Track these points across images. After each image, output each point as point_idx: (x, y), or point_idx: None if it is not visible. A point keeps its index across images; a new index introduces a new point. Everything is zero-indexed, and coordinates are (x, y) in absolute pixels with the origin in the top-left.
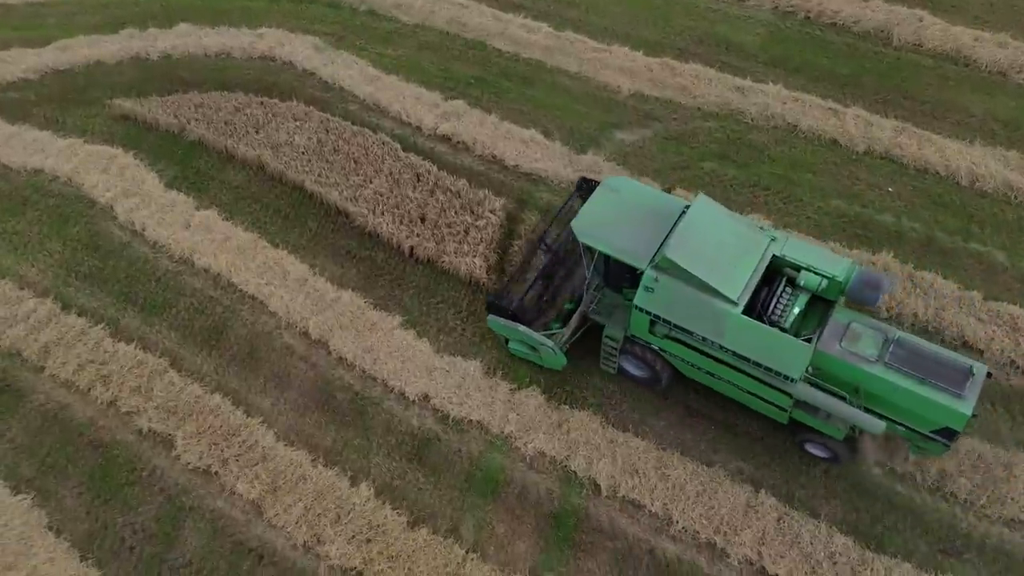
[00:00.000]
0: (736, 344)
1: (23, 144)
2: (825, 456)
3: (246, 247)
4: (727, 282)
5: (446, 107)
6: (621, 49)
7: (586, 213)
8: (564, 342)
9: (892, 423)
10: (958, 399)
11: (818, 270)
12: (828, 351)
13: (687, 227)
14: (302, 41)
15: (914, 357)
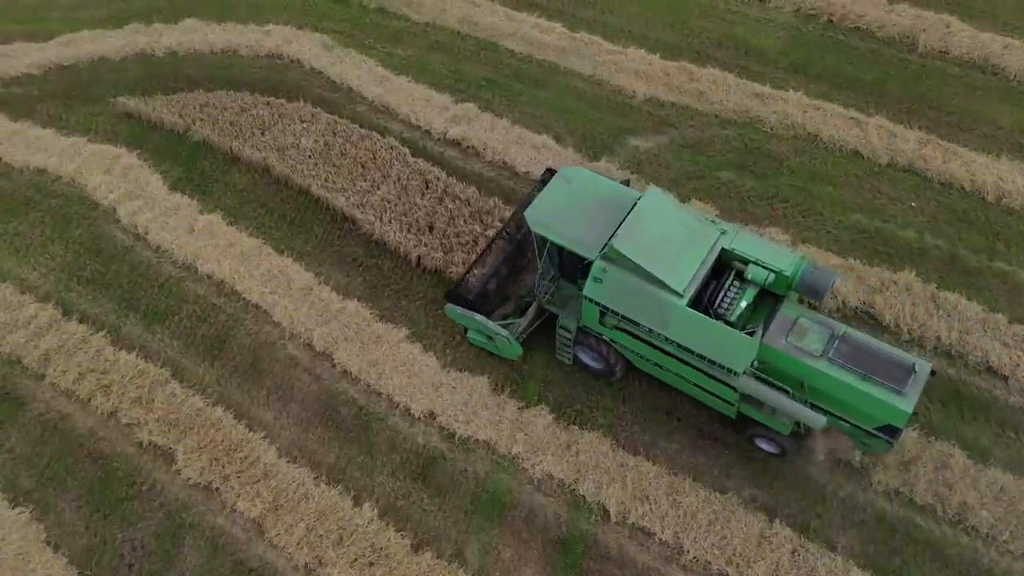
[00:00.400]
0: (681, 336)
1: (26, 142)
2: (774, 451)
3: (250, 253)
4: (673, 274)
5: (456, 110)
6: (637, 51)
7: (540, 202)
8: (520, 332)
9: (837, 419)
10: (899, 396)
11: (765, 264)
12: (774, 345)
13: (636, 218)
14: (310, 39)
15: (858, 353)
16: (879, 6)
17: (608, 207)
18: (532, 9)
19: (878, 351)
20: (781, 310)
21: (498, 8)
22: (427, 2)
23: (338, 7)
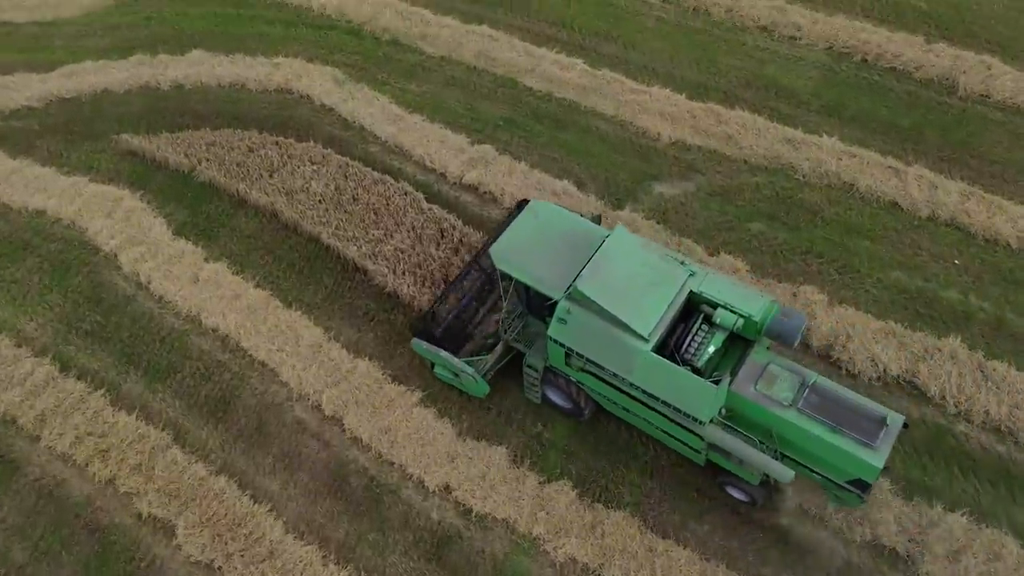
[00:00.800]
0: (646, 383)
1: (25, 182)
2: (744, 499)
3: (257, 307)
4: (639, 317)
5: (473, 152)
6: (662, 91)
7: (506, 239)
8: (486, 370)
9: (808, 470)
10: (870, 450)
11: (734, 308)
12: (742, 393)
13: (602, 258)
14: (321, 73)
15: (828, 403)
16: (916, 46)
17: (576, 245)
18: (552, 44)
19: (849, 402)
20: (751, 356)
21: (516, 42)
22: (442, 35)
23: (350, 39)
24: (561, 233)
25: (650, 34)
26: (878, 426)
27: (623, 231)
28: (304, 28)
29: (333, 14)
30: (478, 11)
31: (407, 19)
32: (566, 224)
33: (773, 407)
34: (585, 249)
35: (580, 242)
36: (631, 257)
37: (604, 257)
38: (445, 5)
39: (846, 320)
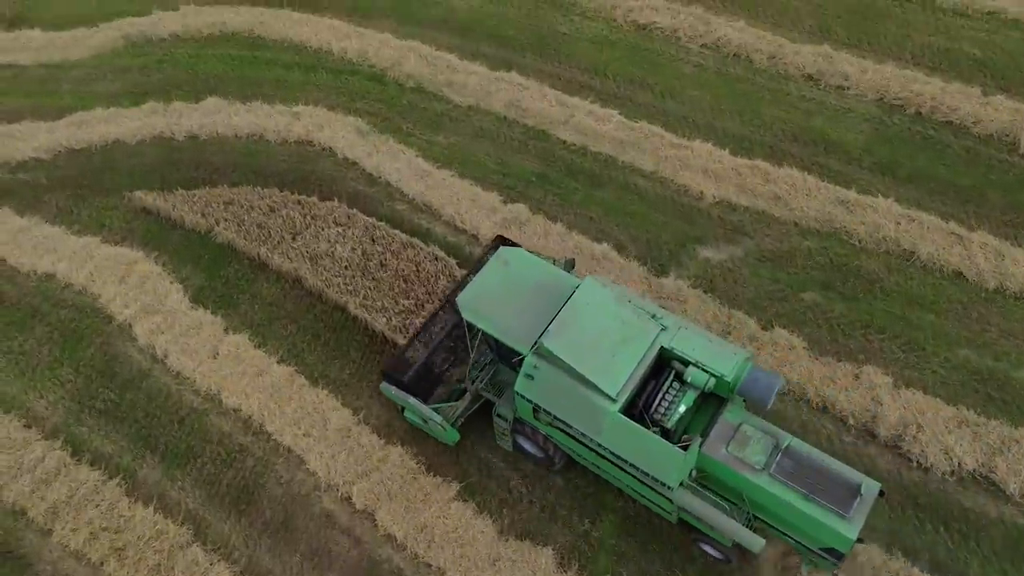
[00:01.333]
0: (613, 444)
1: (33, 242)
2: (719, 557)
3: (281, 385)
4: (606, 376)
5: (505, 212)
6: (703, 145)
7: (473, 288)
8: (454, 417)
9: (781, 534)
10: (843, 520)
11: (706, 367)
12: (714, 455)
13: (570, 313)
14: (343, 123)
15: (802, 469)
16: (973, 98)
17: (546, 295)
18: (585, 92)
19: (825, 467)
20: (723, 415)
21: (547, 91)
22: (470, 83)
23: (372, 85)
24: (531, 282)
25: (688, 82)
26: (853, 495)
27: (593, 282)
28: (324, 73)
29: (354, 58)
30: (506, 56)
31: (432, 65)
32: (537, 273)
33: (745, 471)
34: (555, 300)
35: (550, 292)
36: (601, 311)
37: (572, 311)
38: (471, 50)
39: (915, 406)
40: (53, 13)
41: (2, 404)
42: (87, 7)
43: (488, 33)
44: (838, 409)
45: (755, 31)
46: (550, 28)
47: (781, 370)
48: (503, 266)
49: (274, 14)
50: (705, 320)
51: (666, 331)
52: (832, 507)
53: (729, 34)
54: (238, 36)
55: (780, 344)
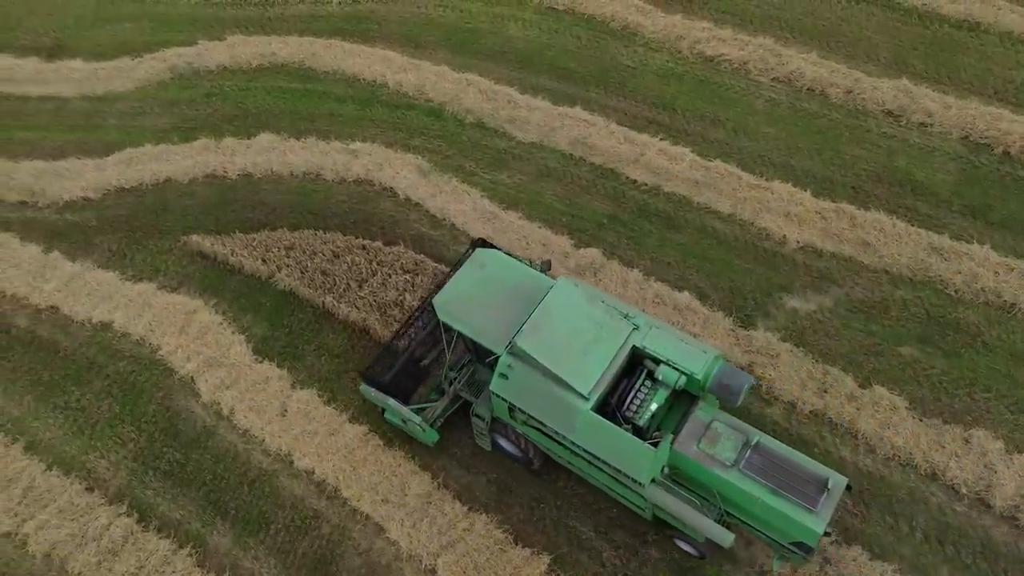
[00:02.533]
0: (586, 441)
1: (87, 290)
2: (694, 554)
3: (355, 447)
4: (579, 375)
5: (578, 257)
6: (783, 186)
7: (449, 289)
8: (433, 418)
9: (751, 529)
10: (810, 514)
11: (676, 365)
12: (685, 452)
13: (543, 313)
14: (403, 162)
15: (770, 464)
16: None
17: (521, 296)
18: (653, 129)
19: (792, 463)
20: (695, 413)
21: (615, 128)
22: (533, 119)
23: (431, 120)
24: (506, 284)
25: (761, 118)
26: (820, 489)
27: (566, 283)
28: (379, 107)
29: (411, 92)
30: (568, 90)
31: (492, 99)
32: (512, 274)
33: (715, 467)
34: (530, 301)
35: (526, 293)
36: (574, 311)
37: (545, 311)
38: (531, 83)
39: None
40: (93, 42)
41: (62, 465)
42: (129, 35)
43: (548, 65)
44: (948, 477)
45: (829, 64)
46: (612, 60)
47: (885, 434)
48: (479, 268)
49: (325, 44)
50: (800, 378)
51: (638, 330)
52: (799, 501)
53: (802, 67)
54: (288, 67)
55: (881, 404)
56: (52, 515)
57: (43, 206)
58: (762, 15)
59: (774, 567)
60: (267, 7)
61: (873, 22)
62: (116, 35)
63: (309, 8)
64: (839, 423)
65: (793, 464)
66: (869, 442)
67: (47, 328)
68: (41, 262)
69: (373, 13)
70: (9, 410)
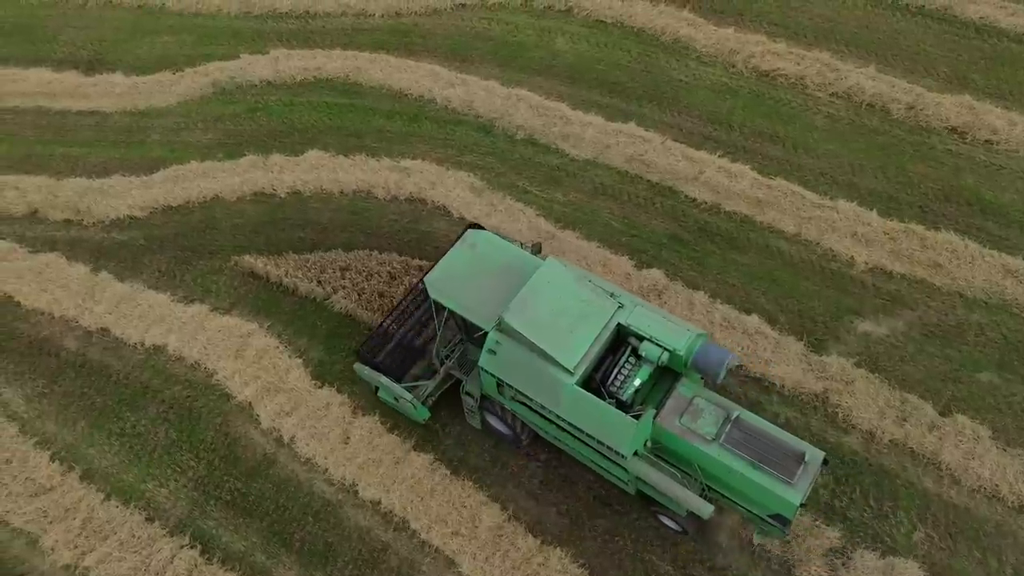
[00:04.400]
0: (571, 415)
1: (139, 312)
2: (677, 529)
3: (422, 476)
4: (564, 350)
5: (641, 279)
6: (848, 205)
7: (441, 268)
8: (425, 396)
9: (731, 503)
10: (788, 486)
11: (659, 341)
12: (667, 426)
13: (531, 291)
14: (456, 179)
15: (749, 439)
16: None
17: (510, 275)
18: (710, 145)
19: (771, 438)
20: (678, 389)
21: (672, 145)
22: (587, 135)
23: (481, 137)
24: (496, 263)
25: (821, 135)
26: (797, 462)
27: (555, 262)
28: (428, 123)
29: (459, 107)
30: (621, 106)
31: (543, 115)
32: (502, 255)
33: (696, 441)
34: (519, 280)
35: (515, 273)
36: (561, 289)
37: (533, 289)
38: (582, 98)
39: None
40: (133, 55)
41: (120, 494)
42: (169, 49)
43: (599, 80)
44: None
45: (888, 79)
46: (664, 75)
47: (969, 465)
48: (470, 248)
49: (370, 59)
50: (877, 406)
51: (623, 308)
52: (777, 474)
53: (861, 82)
54: (333, 82)
55: (965, 434)
56: (113, 547)
57: (88, 224)
58: (815, 28)
59: (755, 540)
60: (309, 20)
61: (930, 36)
62: (156, 48)
63: (351, 21)
64: (921, 453)
65: (772, 438)
66: (953, 473)
67: (97, 351)
68: (90, 283)
69: (417, 26)
70: (63, 436)
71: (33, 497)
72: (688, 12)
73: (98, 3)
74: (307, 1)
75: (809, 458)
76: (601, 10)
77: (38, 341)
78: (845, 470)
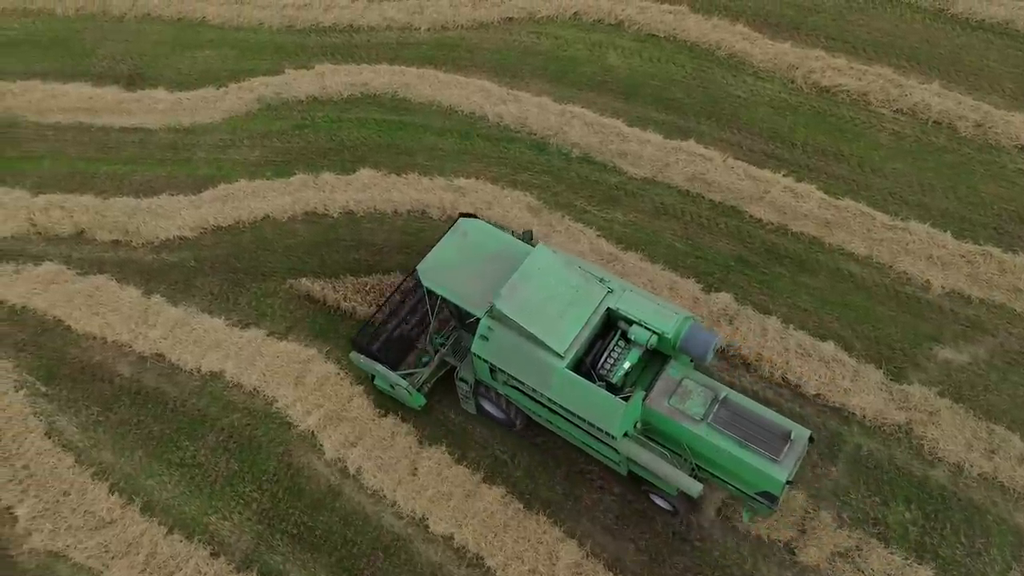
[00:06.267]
0: (562, 398)
1: (194, 337)
2: (667, 508)
3: (494, 510)
4: (555, 335)
5: (710, 303)
6: (920, 227)
7: (433, 256)
8: (420, 383)
9: (721, 481)
10: (774, 464)
11: (648, 325)
12: (656, 408)
13: (521, 277)
14: (512, 199)
15: (737, 418)
16: None
17: (501, 262)
18: (772, 164)
19: (758, 417)
20: (666, 371)
21: (735, 163)
22: (645, 153)
23: (535, 154)
24: (487, 251)
25: (887, 153)
26: (784, 441)
27: (544, 249)
28: (480, 141)
29: (512, 124)
30: (679, 123)
31: (599, 133)
32: (493, 242)
33: (685, 421)
34: (510, 267)
35: (506, 260)
36: (550, 274)
37: (523, 276)
38: (638, 115)
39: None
40: (174, 70)
41: (183, 527)
42: (211, 63)
43: (654, 96)
44: None
45: (953, 95)
46: (721, 90)
47: None
48: (462, 236)
49: (417, 74)
50: (964, 438)
51: (612, 293)
52: (764, 452)
53: (927, 98)
54: (381, 98)
55: None
56: None
57: (137, 245)
58: (875, 43)
59: (744, 518)
60: (353, 34)
61: (993, 51)
62: (197, 63)
63: (396, 35)
64: (1011, 488)
65: (759, 418)
66: None
67: (152, 377)
68: (142, 306)
69: (464, 40)
70: (121, 467)
71: (94, 531)
72: (742, 26)
73: (136, 16)
74: (351, 15)
75: (795, 436)
76: (653, 24)
77: (90, 367)
78: (934, 505)
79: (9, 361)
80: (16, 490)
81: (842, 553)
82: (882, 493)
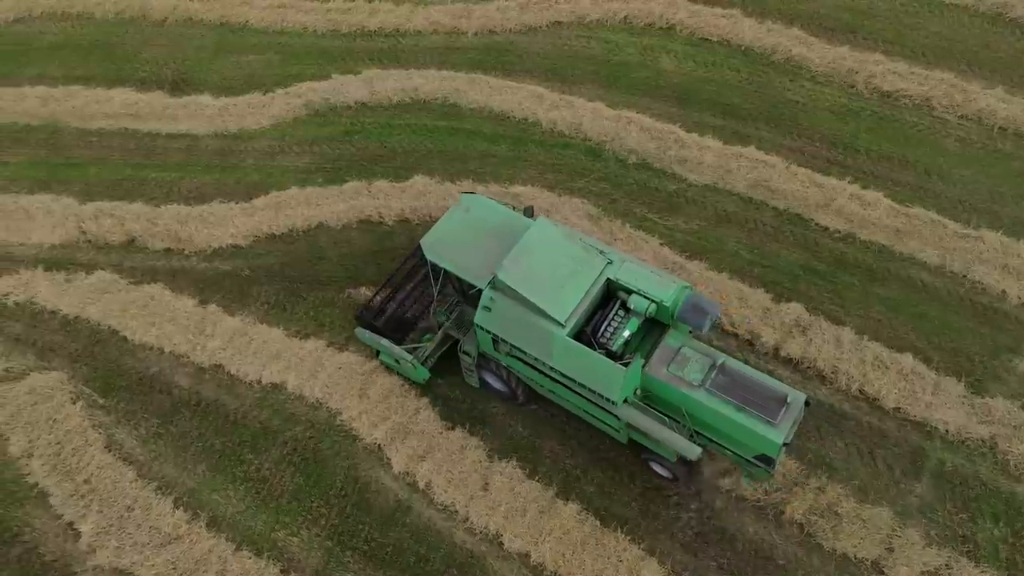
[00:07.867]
0: (563, 365)
1: (253, 348)
2: (667, 476)
3: (570, 527)
4: (555, 304)
5: (780, 313)
6: (993, 235)
7: (436, 231)
8: (425, 357)
9: (719, 446)
10: (771, 427)
11: (646, 294)
12: (655, 375)
13: (522, 248)
14: (571, 207)
15: (735, 384)
16: None
17: (503, 235)
18: (836, 170)
19: (755, 382)
20: (665, 339)
21: (798, 171)
22: (706, 159)
23: (591, 161)
24: (490, 225)
25: (954, 159)
26: (780, 404)
27: (545, 222)
28: (534, 147)
29: (566, 130)
30: (738, 128)
31: (657, 139)
32: (495, 216)
33: (683, 387)
34: (512, 240)
35: (507, 233)
36: (551, 246)
37: (525, 248)
38: (695, 120)
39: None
40: (220, 75)
41: (251, 543)
42: (256, 68)
43: (710, 101)
44: None
45: (1019, 101)
46: (779, 95)
47: None
48: (464, 211)
49: (467, 79)
50: None
51: (612, 264)
52: (761, 415)
53: (992, 104)
54: (431, 104)
55: None
56: None
57: (190, 254)
58: (935, 47)
59: (743, 483)
60: (399, 38)
61: None
62: (242, 68)
63: (443, 39)
64: None
65: (756, 383)
66: None
67: (211, 389)
68: (199, 316)
69: (513, 45)
70: (184, 481)
71: (161, 548)
72: (798, 30)
73: (177, 20)
74: (396, 19)
75: (791, 400)
76: (705, 28)
77: (148, 378)
78: (1022, 522)
79: (64, 372)
80: (78, 505)
81: (932, 572)
82: (969, 510)
